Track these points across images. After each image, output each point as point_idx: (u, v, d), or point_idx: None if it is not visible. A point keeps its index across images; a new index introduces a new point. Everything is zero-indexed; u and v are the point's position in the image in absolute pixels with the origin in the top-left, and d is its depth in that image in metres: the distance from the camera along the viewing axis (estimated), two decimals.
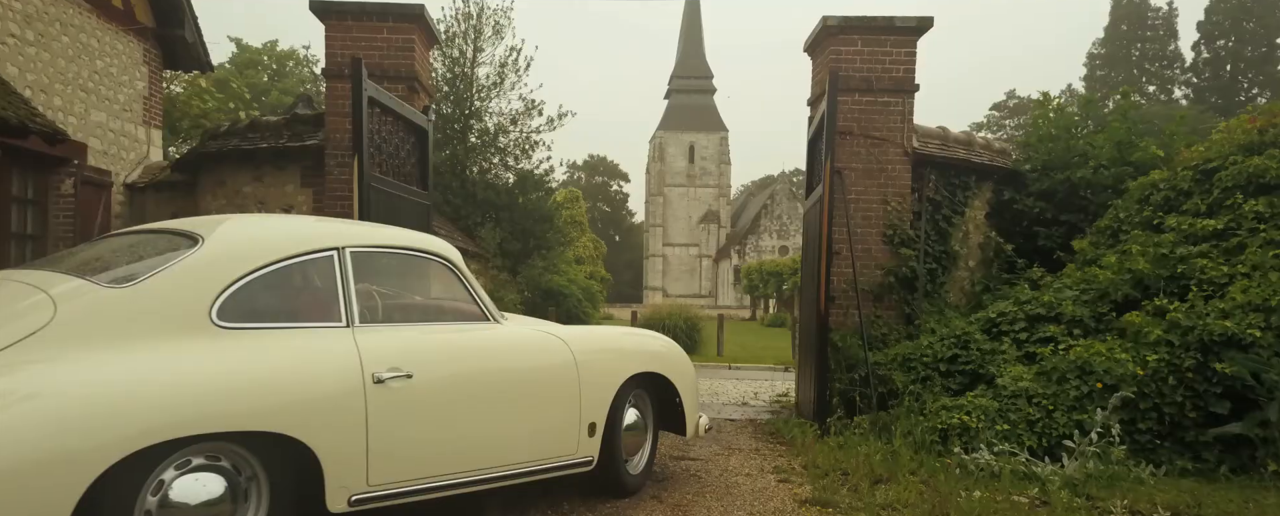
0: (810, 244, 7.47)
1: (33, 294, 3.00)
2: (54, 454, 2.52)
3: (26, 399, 2.57)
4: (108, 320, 2.95)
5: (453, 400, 3.68)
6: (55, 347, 2.77)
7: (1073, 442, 4.90)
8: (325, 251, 3.56)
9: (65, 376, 2.69)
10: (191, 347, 3.01)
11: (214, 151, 7.96)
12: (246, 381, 3.04)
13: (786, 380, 11.62)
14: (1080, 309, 6.11)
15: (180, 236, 3.44)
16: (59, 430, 2.55)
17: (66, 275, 3.19)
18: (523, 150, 24.31)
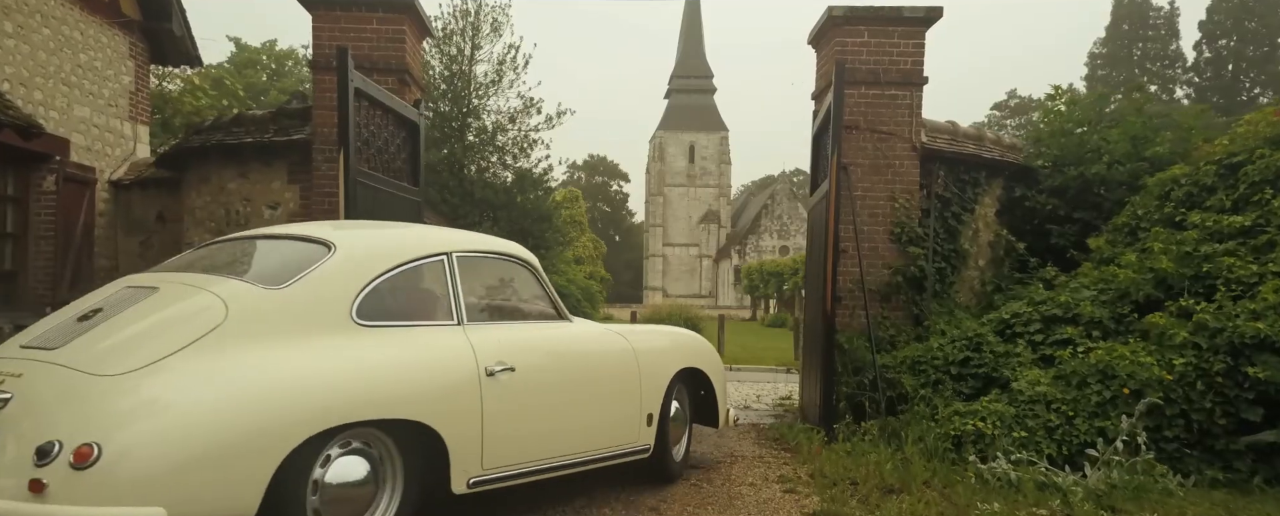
0: (815, 242, 7.19)
1: (198, 294, 3.25)
2: (259, 429, 2.88)
3: (234, 383, 2.94)
4: (270, 318, 3.24)
5: (547, 392, 4.05)
6: (232, 342, 3.06)
7: (1096, 451, 4.62)
8: (437, 256, 3.91)
9: (253, 367, 3.03)
10: (341, 343, 3.33)
11: (198, 146, 7.68)
12: (389, 373, 3.39)
13: (789, 382, 11.35)
14: (1099, 310, 5.84)
15: (308, 242, 3.72)
16: (262, 410, 2.92)
17: (223, 278, 3.43)
18: (521, 149, 24.03)
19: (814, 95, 8.20)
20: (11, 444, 2.71)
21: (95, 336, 3.06)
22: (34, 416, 2.77)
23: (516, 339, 4.01)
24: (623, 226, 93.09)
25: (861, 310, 7.21)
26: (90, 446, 2.61)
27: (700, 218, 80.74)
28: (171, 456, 2.71)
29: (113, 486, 2.59)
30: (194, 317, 3.11)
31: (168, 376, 2.88)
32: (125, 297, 3.32)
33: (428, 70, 23.73)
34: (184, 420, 2.79)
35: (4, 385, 2.87)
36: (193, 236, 8.06)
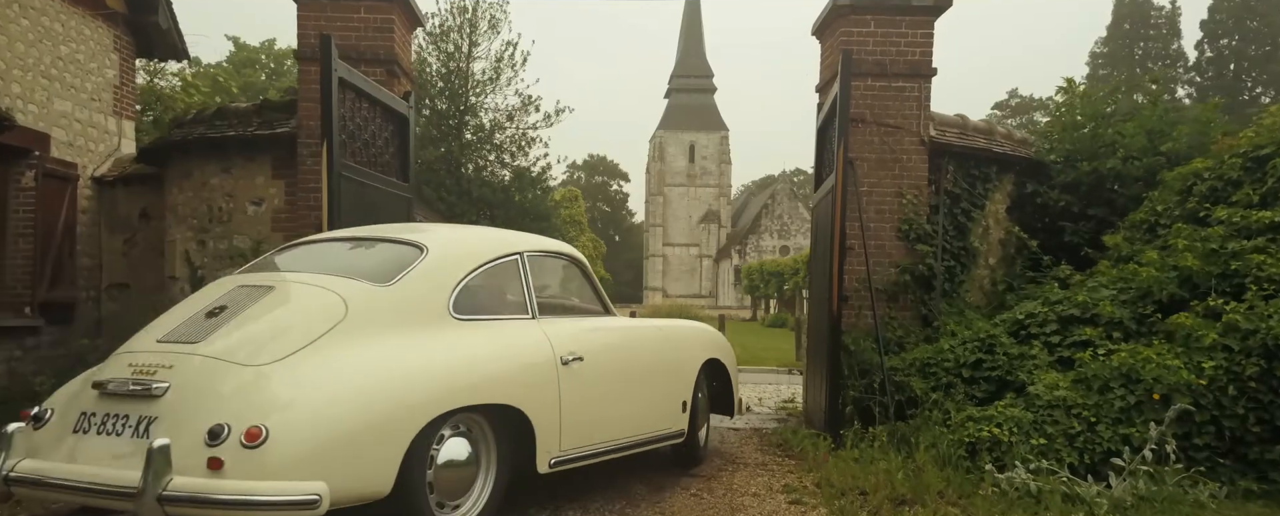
0: (820, 239, 6.92)
1: (319, 292, 3.55)
2: (393, 412, 3.20)
3: (367, 371, 3.25)
4: (383, 313, 3.55)
5: (608, 380, 4.40)
6: (354, 334, 3.37)
7: (1123, 460, 4.34)
8: (512, 255, 4.25)
9: (377, 356, 3.33)
10: (443, 335, 3.67)
11: (179, 140, 7.40)
12: (488, 362, 3.74)
13: (791, 383, 11.07)
14: (1120, 310, 5.55)
15: (401, 244, 4.04)
16: (394, 394, 3.24)
17: (336, 277, 3.69)
18: (519, 146, 23.76)
19: (818, 88, 7.92)
20: (181, 427, 2.97)
21: (232, 331, 3.32)
22: (197, 402, 3.04)
23: (580, 331, 4.37)
24: (623, 226, 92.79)
25: (868, 310, 6.93)
26: (259, 428, 2.90)
27: (700, 217, 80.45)
28: (326, 436, 3.01)
29: (280, 463, 2.88)
30: (320, 313, 3.44)
31: (308, 365, 3.20)
32: (244, 296, 3.57)
33: (425, 68, 23.46)
34: (332, 404, 3.10)
35: (157, 376, 3.15)
36: (175, 234, 7.78)
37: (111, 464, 3.00)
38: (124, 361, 3.31)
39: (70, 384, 3.56)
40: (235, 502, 2.80)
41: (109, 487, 2.93)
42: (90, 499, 3.02)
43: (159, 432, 2.98)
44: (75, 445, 3.14)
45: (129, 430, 3.08)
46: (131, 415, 3.10)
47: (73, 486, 3.01)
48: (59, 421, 3.27)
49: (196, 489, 2.81)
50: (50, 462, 3.11)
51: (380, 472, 3.14)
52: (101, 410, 3.18)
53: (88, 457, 3.07)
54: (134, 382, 3.16)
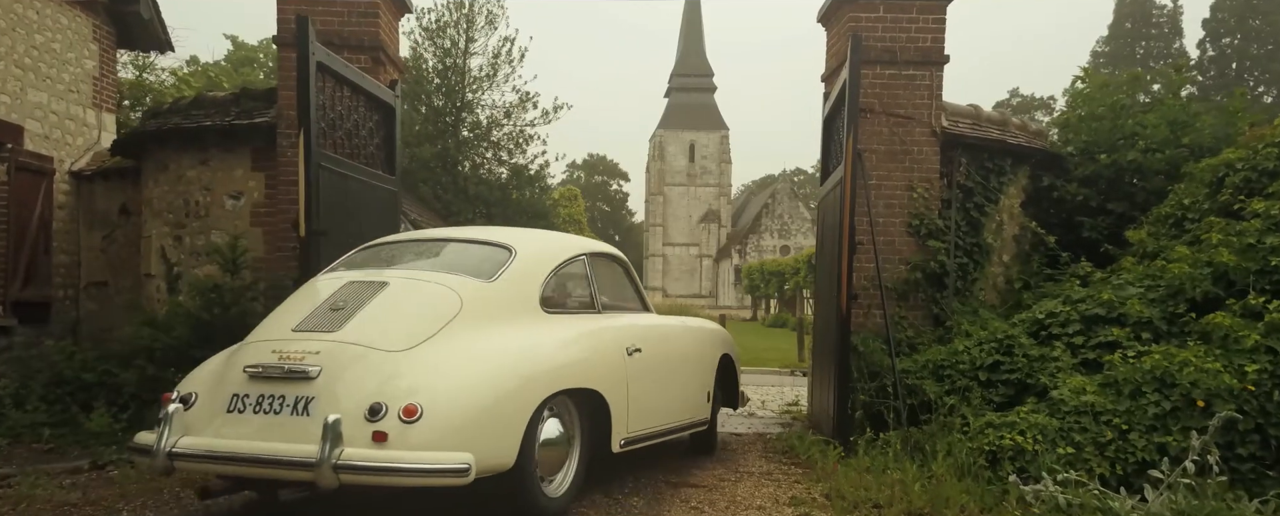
0: (827, 235, 6.57)
1: (436, 287, 3.95)
2: (516, 392, 3.58)
3: (491, 356, 3.64)
4: (489, 306, 3.94)
5: (659, 370, 4.77)
6: (470, 324, 3.74)
7: (1162, 472, 3.99)
8: (579, 256, 4.65)
9: (495, 343, 3.72)
10: (538, 326, 4.06)
11: (154, 130, 7.05)
12: (578, 351, 4.14)
13: (795, 386, 10.72)
14: (1149, 309, 5.21)
15: (490, 245, 4.43)
16: (516, 377, 3.63)
17: (445, 273, 4.10)
18: (516, 144, 23.40)
19: (824, 78, 7.59)
20: (340, 405, 3.29)
21: (365, 321, 3.65)
22: (349, 383, 3.37)
23: (635, 325, 4.79)
24: (622, 226, 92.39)
25: (877, 309, 6.59)
26: (414, 406, 3.24)
27: (700, 217, 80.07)
28: (469, 413, 3.38)
29: (434, 437, 3.23)
30: (441, 305, 3.81)
31: (441, 351, 3.57)
32: (360, 291, 3.89)
33: (421, 64, 23.12)
34: (470, 385, 3.47)
35: (307, 360, 3.46)
36: (150, 229, 7.44)
37: (277, 438, 3.30)
38: (267, 348, 3.60)
39: (205, 369, 3.83)
40: (401, 470, 3.17)
41: (284, 459, 3.22)
42: (261, 470, 3.33)
43: (319, 410, 3.31)
44: (232, 423, 3.43)
45: (288, 409, 3.38)
46: (288, 395, 3.40)
47: (242, 458, 3.30)
48: (207, 402, 3.55)
49: (366, 458, 3.16)
50: (210, 439, 3.40)
51: (508, 446, 3.50)
52: (255, 391, 3.46)
53: (248, 433, 3.37)
54: (289, 366, 3.45)
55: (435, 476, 3.19)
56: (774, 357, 17.03)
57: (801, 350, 16.75)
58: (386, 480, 3.21)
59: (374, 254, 4.54)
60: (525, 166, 23.30)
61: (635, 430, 4.45)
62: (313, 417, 3.28)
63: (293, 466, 3.21)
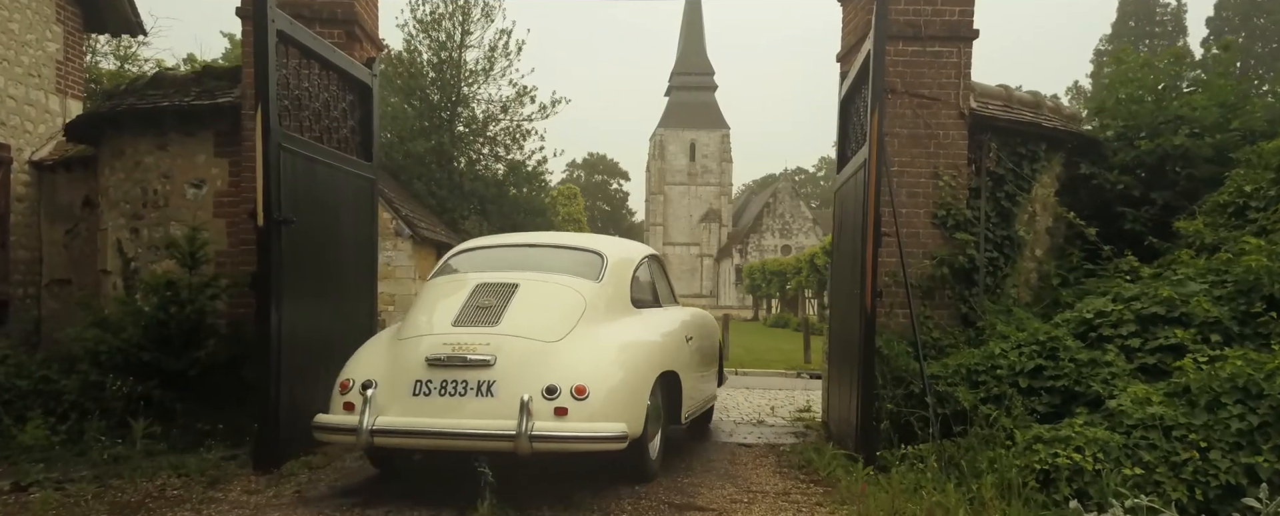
0: (847, 225, 5.96)
1: (563, 288, 4.68)
2: (646, 373, 4.48)
3: (622, 345, 4.52)
4: (601, 302, 4.69)
5: (701, 355, 5.59)
6: (592, 318, 4.53)
7: (1257, 500, 3.37)
8: (643, 259, 5.43)
9: (618, 334, 4.59)
10: (633, 319, 4.87)
11: (108, 113, 6.44)
12: (665, 338, 4.97)
13: (805, 389, 10.12)
14: (1217, 307, 4.60)
15: (583, 251, 5.16)
16: (643, 361, 4.53)
17: (561, 274, 4.81)
18: (513, 139, 22.78)
19: (839, 57, 6.99)
20: (521, 386, 3.98)
21: (516, 316, 4.36)
22: (522, 368, 4.07)
23: (686, 317, 5.63)
24: (622, 225, 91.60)
25: (901, 308, 5.99)
26: (583, 385, 4.01)
27: (701, 217, 79.36)
28: (618, 390, 4.14)
29: (599, 410, 4.00)
30: (573, 303, 4.52)
31: (584, 341, 4.31)
32: (497, 291, 4.56)
33: (415, 57, 22.51)
34: (616, 368, 4.25)
35: (479, 351, 4.14)
36: (108, 221, 6.82)
37: (465, 415, 3.97)
38: (438, 341, 4.24)
39: (370, 358, 4.44)
40: (580, 438, 3.93)
41: (483, 432, 3.91)
42: (458, 442, 3.96)
43: (502, 391, 4.01)
44: (419, 404, 4.06)
45: (472, 391, 4.04)
46: (470, 379, 4.07)
47: (440, 433, 3.95)
48: (389, 388, 4.14)
49: (552, 429, 3.89)
50: (405, 417, 4.02)
51: (638, 417, 4.24)
52: (438, 377, 4.10)
53: (437, 412, 4.01)
54: (469, 356, 4.11)
55: (603, 442, 3.97)
56: (778, 359, 16.42)
57: (808, 351, 16.13)
58: (569, 447, 3.95)
59: (482, 258, 5.23)
60: (522, 162, 22.72)
61: (691, 408, 5.33)
62: (497, 397, 4.00)
63: (492, 439, 3.88)
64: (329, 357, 4.96)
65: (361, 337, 5.11)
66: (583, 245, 5.30)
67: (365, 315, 6.20)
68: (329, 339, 5.39)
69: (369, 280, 6.33)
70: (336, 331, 5.56)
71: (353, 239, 6.05)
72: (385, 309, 16.86)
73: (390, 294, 16.79)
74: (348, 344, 4.98)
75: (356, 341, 4.93)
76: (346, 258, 5.92)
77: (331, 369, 4.62)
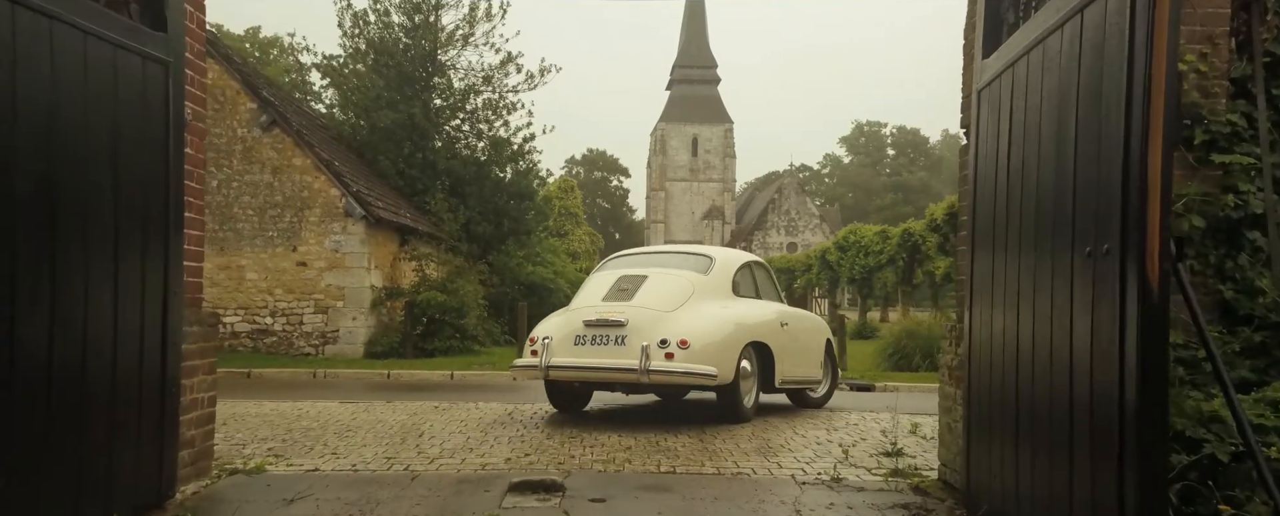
0: (1031, 134, 3.17)
1: (680, 277, 6.87)
2: (733, 336, 6.46)
3: (718, 315, 6.56)
4: (707, 289, 6.81)
5: (795, 338, 7.45)
6: (700, 299, 6.65)
7: None
8: (745, 263, 7.57)
9: (717, 310, 6.65)
10: (733, 303, 6.96)
11: None
12: (755, 318, 6.92)
13: (860, 409, 7.36)
14: None
15: (698, 255, 7.58)
16: (733, 327, 6.52)
17: (681, 269, 7.08)
18: (495, 111, 19.99)
19: None
20: (643, 338, 6.15)
21: (644, 294, 6.64)
22: (645, 326, 6.27)
23: (781, 308, 7.61)
24: (623, 223, 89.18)
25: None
26: (686, 339, 6.10)
27: (703, 213, 76.91)
28: (712, 344, 6.23)
29: (697, 356, 6.09)
30: (685, 287, 6.73)
31: (691, 311, 6.46)
32: (633, 280, 6.89)
33: (385, 20, 19.77)
34: (711, 329, 6.35)
35: (617, 316, 6.41)
36: None
37: (608, 357, 6.29)
38: (592, 309, 6.62)
39: (548, 323, 6.90)
40: (682, 373, 6.09)
41: (618, 367, 6.21)
42: (602, 375, 6.40)
43: (630, 341, 6.23)
44: (578, 350, 6.44)
45: (611, 341, 6.35)
46: (610, 334, 6.37)
47: (590, 368, 6.37)
48: (560, 341, 6.50)
49: (663, 366, 6.06)
50: (570, 358, 6.41)
51: (730, 368, 6.29)
52: (590, 333, 6.45)
53: (589, 355, 6.37)
54: (611, 318, 6.41)
55: (698, 377, 6.15)
56: None
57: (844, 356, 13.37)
58: (673, 379, 6.20)
59: (624, 261, 7.68)
60: (507, 139, 19.95)
61: (784, 376, 7.13)
62: (626, 346, 6.23)
63: (623, 372, 6.18)
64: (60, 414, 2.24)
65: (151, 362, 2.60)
66: (698, 251, 7.89)
67: (150, 318, 3.43)
68: (51, 373, 2.68)
69: (157, 253, 3.53)
70: (67, 358, 2.83)
71: (125, 179, 3.29)
72: (333, 305, 14.12)
73: (339, 287, 14.04)
74: (98, 379, 2.38)
75: (129, 373, 2.30)
76: (99, 214, 3.15)
77: None
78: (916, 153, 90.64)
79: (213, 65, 13.23)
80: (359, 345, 13.26)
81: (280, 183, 13.25)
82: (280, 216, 13.24)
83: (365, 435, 5.75)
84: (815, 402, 8.01)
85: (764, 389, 6.90)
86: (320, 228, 13.25)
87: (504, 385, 10.82)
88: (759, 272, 7.73)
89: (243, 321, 13.20)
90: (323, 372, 11.50)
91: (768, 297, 7.68)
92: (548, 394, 7.11)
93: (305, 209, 13.26)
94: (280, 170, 13.25)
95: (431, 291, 14.05)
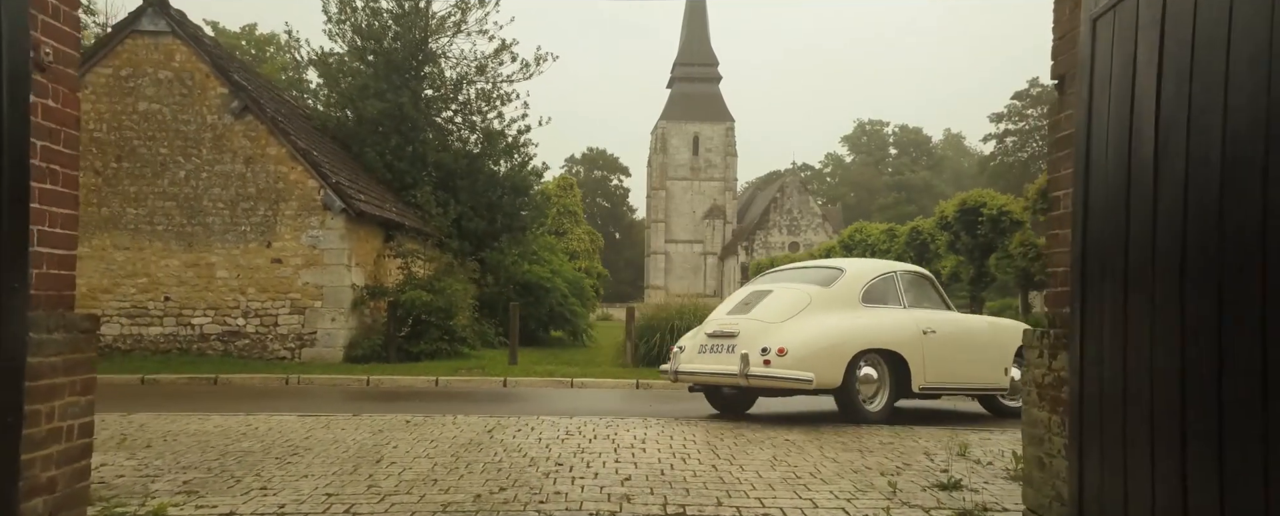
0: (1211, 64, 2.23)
1: (798, 292, 7.51)
2: (839, 344, 6.99)
3: (824, 326, 7.10)
4: (825, 301, 7.35)
5: (950, 346, 7.59)
6: (814, 311, 7.22)
7: None
8: (889, 273, 7.92)
9: (828, 321, 7.17)
10: (857, 313, 7.39)
11: None
12: (881, 327, 7.32)
13: (895, 420, 6.42)
14: None
15: (829, 268, 8.11)
16: (839, 337, 7.05)
17: (802, 283, 7.73)
18: (488, 102, 19.03)
19: None
20: (748, 347, 6.91)
21: (760, 309, 7.40)
22: (753, 337, 7.01)
23: (932, 317, 7.70)
24: (623, 223, 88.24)
25: None
26: (784, 347, 6.77)
27: (704, 213, 75.95)
28: (810, 352, 6.79)
29: (794, 363, 6.72)
30: (798, 301, 7.36)
31: (796, 323, 7.08)
32: (758, 295, 7.71)
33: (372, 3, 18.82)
34: (812, 338, 6.91)
35: (731, 328, 7.31)
36: None
37: (720, 364, 7.17)
38: (716, 323, 7.57)
39: (686, 337, 8.09)
40: (777, 377, 6.76)
41: (725, 372, 7.10)
42: (715, 379, 7.32)
43: (739, 349, 6.97)
44: (702, 357, 7.41)
45: (724, 350, 7.18)
46: (725, 343, 7.21)
47: (707, 373, 7.32)
48: (690, 350, 7.59)
49: (762, 371, 6.79)
50: (695, 365, 7.43)
51: (834, 374, 6.85)
52: (711, 343, 7.38)
53: (709, 362, 7.30)
54: (726, 330, 7.31)
55: (794, 382, 6.72)
56: None
57: None
58: (770, 382, 6.86)
59: (765, 277, 8.61)
60: (501, 131, 19.00)
61: (930, 382, 7.40)
62: (734, 353, 7.00)
63: (729, 376, 7.06)
64: None
65: None
66: (831, 264, 8.45)
67: None
68: None
69: None
70: None
71: None
72: (310, 305, 13.14)
73: (317, 285, 13.05)
74: None
75: None
76: None
77: None
78: (919, 152, 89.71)
79: (180, 48, 12.29)
80: (338, 348, 12.29)
81: (253, 173, 12.29)
82: (253, 209, 12.28)
83: (312, 460, 4.80)
84: (1011, 411, 7.93)
85: (904, 395, 7.33)
86: (297, 222, 12.28)
87: (492, 393, 9.89)
88: (908, 281, 7.89)
89: (212, 323, 12.23)
90: (296, 379, 10.56)
91: (923, 306, 7.78)
92: (706, 398, 8.10)
93: (280, 201, 12.29)
94: (253, 160, 12.29)
95: (417, 290, 13.09)
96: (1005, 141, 65.37)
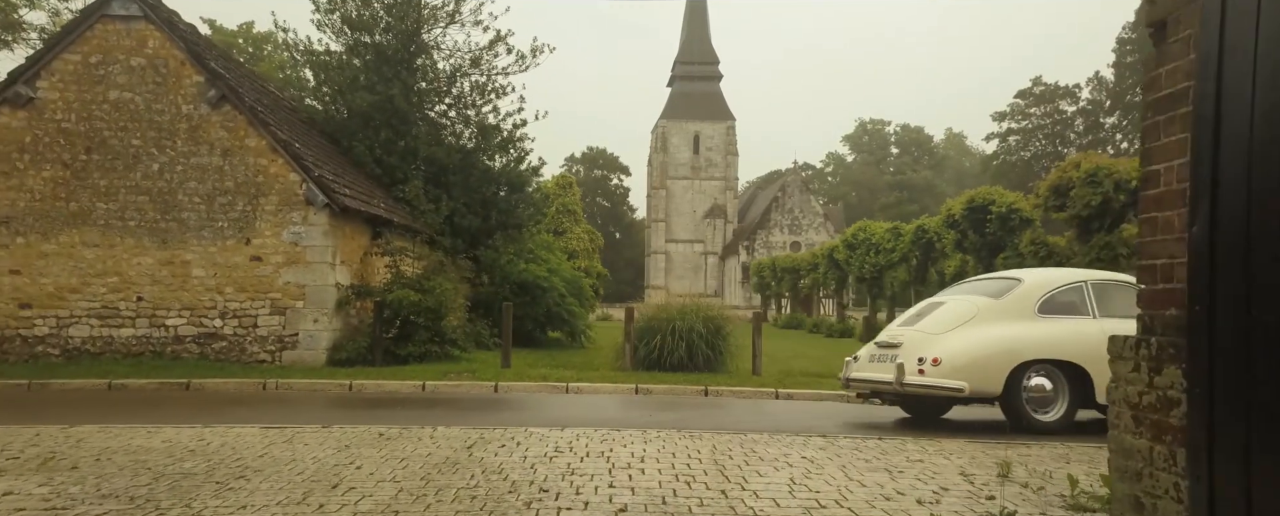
0: None
1: (966, 303, 7.69)
2: (998, 355, 7.14)
3: (986, 337, 7.28)
4: (994, 312, 7.46)
5: None
6: (981, 322, 7.38)
7: None
8: (1078, 283, 7.68)
9: (992, 332, 7.29)
10: (1029, 325, 7.36)
11: None
12: (1056, 339, 7.24)
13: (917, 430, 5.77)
14: None
15: (1007, 279, 8.03)
16: (999, 347, 7.18)
17: (973, 295, 7.82)
18: (483, 95, 18.34)
19: None
20: (907, 356, 7.31)
21: (926, 320, 7.73)
22: (913, 347, 7.38)
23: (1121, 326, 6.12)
24: (623, 222, 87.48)
25: None
26: (939, 357, 7.12)
27: (705, 212, 75.25)
28: (964, 363, 7.06)
29: (947, 372, 7.05)
30: (964, 312, 7.56)
31: (957, 334, 7.34)
32: (932, 305, 8.08)
33: None
34: (967, 349, 7.16)
35: (896, 338, 7.70)
36: None
37: (881, 372, 7.56)
38: (886, 334, 8.09)
39: (862, 348, 8.47)
40: (929, 386, 7.13)
41: (883, 380, 7.51)
42: (875, 386, 7.77)
43: (898, 360, 7.35)
44: (870, 366, 7.82)
45: (887, 359, 7.57)
46: (888, 353, 7.62)
47: (871, 381, 7.74)
48: (865, 359, 7.98)
49: (915, 380, 7.17)
50: (863, 373, 7.85)
51: (992, 384, 7.04)
52: (878, 353, 7.81)
53: (875, 370, 7.69)
54: (891, 341, 7.74)
55: (946, 390, 7.07)
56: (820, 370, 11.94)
57: None
58: (922, 391, 7.22)
59: (947, 289, 8.98)
60: (496, 125, 18.33)
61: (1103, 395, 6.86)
62: (894, 363, 7.37)
63: (886, 383, 7.44)
64: None
65: None
66: (1010, 275, 8.35)
67: None
68: None
69: None
70: None
71: None
72: (292, 305, 12.42)
73: (299, 285, 12.25)
74: None
75: None
76: None
77: None
78: (920, 151, 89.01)
79: (154, 33, 11.62)
80: (321, 351, 11.62)
81: (231, 166, 11.62)
82: (232, 204, 11.61)
83: (259, 485, 4.14)
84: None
85: (1089, 406, 7.29)
86: (277, 217, 11.61)
87: (481, 399, 9.22)
88: (1102, 290, 7.62)
89: (188, 324, 11.55)
90: (274, 384, 9.89)
91: (1118, 315, 7.30)
92: (899, 405, 8.43)
93: (260, 196, 11.62)
94: (231, 152, 11.62)
95: (405, 289, 12.41)
96: (1008, 140, 64.79)
